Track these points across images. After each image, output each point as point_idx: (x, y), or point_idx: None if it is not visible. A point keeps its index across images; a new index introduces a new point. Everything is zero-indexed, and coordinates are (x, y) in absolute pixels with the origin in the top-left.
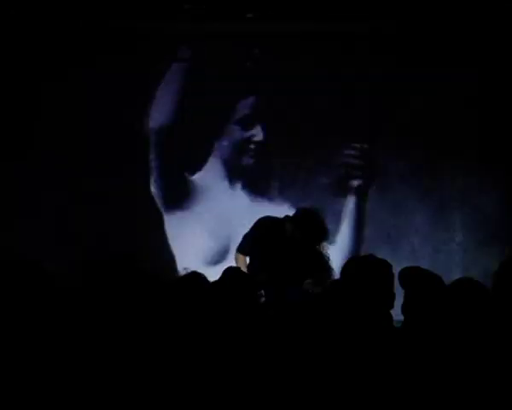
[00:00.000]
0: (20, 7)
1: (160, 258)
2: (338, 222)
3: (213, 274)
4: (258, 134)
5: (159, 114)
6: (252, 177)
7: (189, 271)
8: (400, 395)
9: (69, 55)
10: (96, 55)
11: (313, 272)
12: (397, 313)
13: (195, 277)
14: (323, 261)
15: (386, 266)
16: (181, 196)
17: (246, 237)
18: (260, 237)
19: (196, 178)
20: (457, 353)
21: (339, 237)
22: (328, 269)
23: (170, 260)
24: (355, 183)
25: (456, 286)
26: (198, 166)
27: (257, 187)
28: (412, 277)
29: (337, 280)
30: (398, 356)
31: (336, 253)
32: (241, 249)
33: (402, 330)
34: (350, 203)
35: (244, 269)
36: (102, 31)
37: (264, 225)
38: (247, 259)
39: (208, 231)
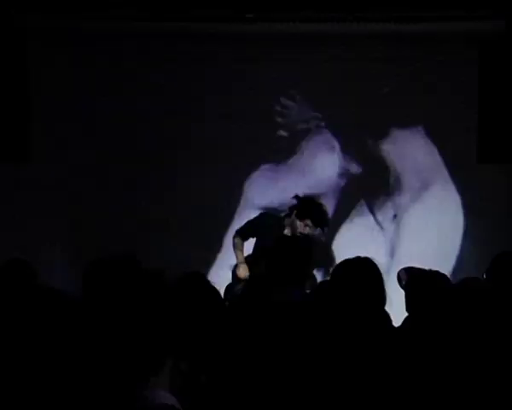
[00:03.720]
0: None
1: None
2: None
3: None
4: None
5: None
6: None
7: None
8: (399, 394)
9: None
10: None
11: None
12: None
13: (196, 276)
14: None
15: (372, 265)
16: None
17: (249, 222)
18: (264, 226)
19: None
20: (458, 351)
21: None
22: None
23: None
24: None
25: (461, 286)
26: None
27: None
28: (412, 277)
29: (325, 281)
30: (396, 355)
31: None
32: (241, 233)
33: (401, 329)
34: None
35: (241, 253)
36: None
37: (268, 215)
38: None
39: None
